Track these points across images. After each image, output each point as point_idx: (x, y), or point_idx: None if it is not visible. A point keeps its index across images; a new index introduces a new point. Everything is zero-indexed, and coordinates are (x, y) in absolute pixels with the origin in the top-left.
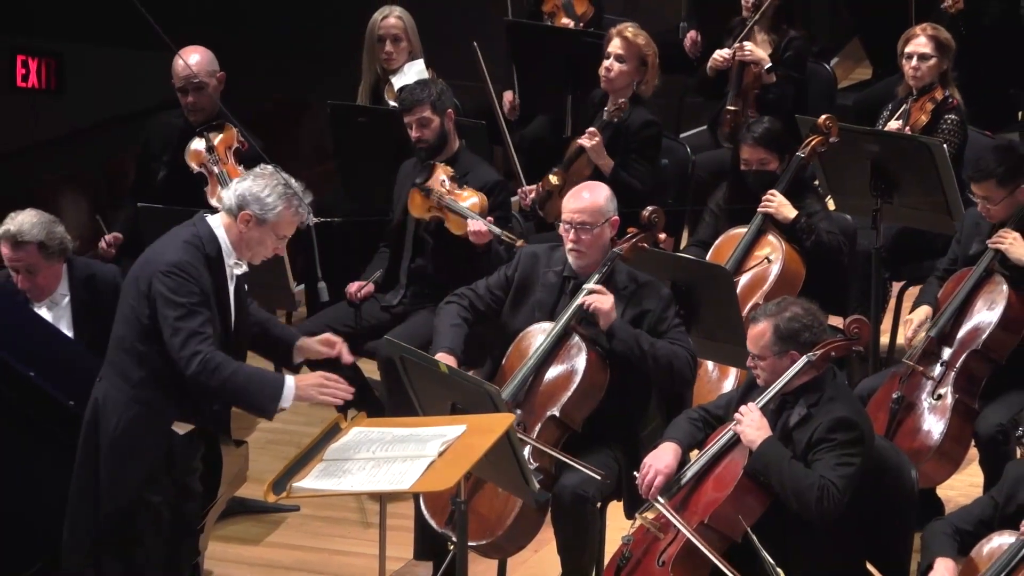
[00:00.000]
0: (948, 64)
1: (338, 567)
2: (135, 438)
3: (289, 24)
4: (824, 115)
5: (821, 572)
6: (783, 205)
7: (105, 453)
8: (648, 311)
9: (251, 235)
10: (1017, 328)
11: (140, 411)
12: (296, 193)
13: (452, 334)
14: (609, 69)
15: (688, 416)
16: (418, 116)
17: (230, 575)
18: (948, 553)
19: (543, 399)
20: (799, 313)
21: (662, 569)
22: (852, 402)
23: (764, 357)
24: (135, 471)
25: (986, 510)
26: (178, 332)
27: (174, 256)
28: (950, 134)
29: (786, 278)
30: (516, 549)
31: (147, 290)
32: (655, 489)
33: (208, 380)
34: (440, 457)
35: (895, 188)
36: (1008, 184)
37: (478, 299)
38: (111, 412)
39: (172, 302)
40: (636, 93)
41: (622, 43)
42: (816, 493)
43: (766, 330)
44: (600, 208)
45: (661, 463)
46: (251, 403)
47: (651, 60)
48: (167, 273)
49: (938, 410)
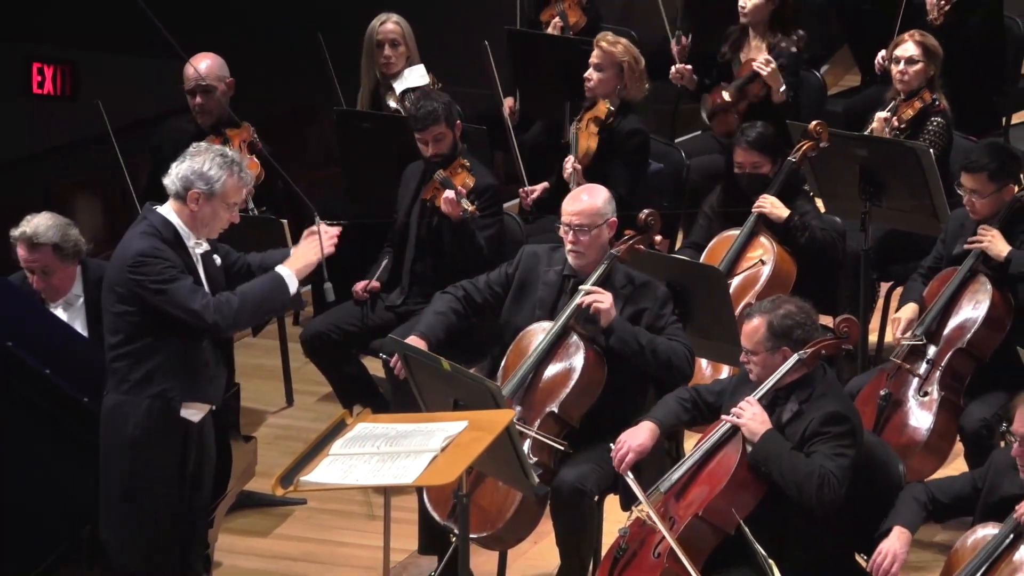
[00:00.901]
0: (935, 70)
1: (344, 559)
2: (155, 432)
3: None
4: (815, 121)
5: (812, 564)
6: (776, 205)
7: (132, 456)
8: (645, 309)
9: (203, 212)
10: (1000, 327)
11: (151, 406)
12: (234, 160)
13: (431, 320)
14: (589, 78)
15: (678, 396)
16: (434, 134)
17: (239, 566)
18: (912, 522)
19: (542, 396)
20: (793, 311)
21: (657, 560)
22: (842, 398)
23: (757, 352)
24: (167, 463)
25: (966, 488)
26: (177, 299)
27: (136, 248)
28: (936, 136)
29: (778, 279)
30: (516, 541)
31: (124, 291)
32: (626, 465)
33: (228, 318)
34: (443, 452)
35: (883, 191)
36: (998, 179)
37: (476, 292)
38: (125, 417)
39: (155, 282)
40: (625, 99)
41: (599, 52)
42: (817, 481)
43: (760, 326)
44: (598, 210)
45: (635, 441)
46: (273, 308)
47: (628, 65)
48: (135, 264)
49: (925, 406)
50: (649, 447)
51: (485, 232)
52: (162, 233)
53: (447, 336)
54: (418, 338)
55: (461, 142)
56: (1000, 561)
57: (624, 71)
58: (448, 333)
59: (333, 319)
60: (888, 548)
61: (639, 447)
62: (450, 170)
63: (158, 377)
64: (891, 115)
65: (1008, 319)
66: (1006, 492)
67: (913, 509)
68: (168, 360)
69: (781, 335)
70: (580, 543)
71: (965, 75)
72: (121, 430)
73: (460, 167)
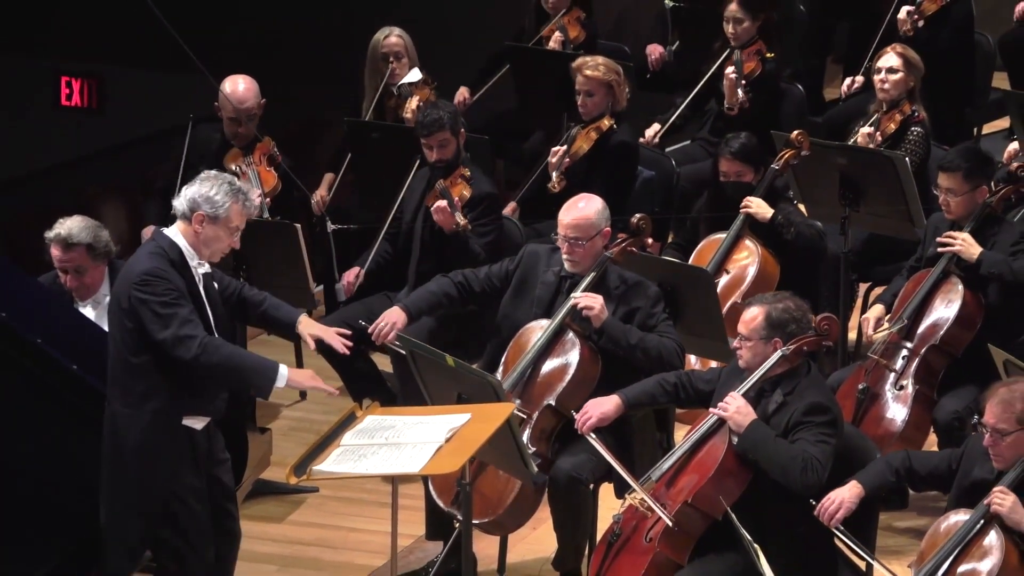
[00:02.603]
0: (915, 82)
1: (354, 543)
2: (157, 445)
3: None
4: (796, 131)
5: (793, 547)
6: (761, 206)
7: (133, 465)
8: (638, 308)
9: (207, 234)
10: (971, 325)
11: (153, 420)
12: (240, 189)
13: (420, 296)
14: (584, 105)
15: (661, 379)
16: (439, 139)
17: (256, 551)
18: (869, 481)
19: (541, 389)
20: (791, 307)
21: (649, 545)
22: (824, 390)
23: (751, 339)
24: (164, 472)
25: (942, 465)
26: (169, 324)
27: (143, 267)
28: (915, 144)
29: (762, 279)
30: (516, 526)
31: (128, 305)
32: (587, 427)
33: (209, 359)
34: (447, 443)
35: (862, 197)
36: (971, 179)
37: (475, 281)
38: (126, 428)
39: (154, 303)
40: (615, 111)
41: (584, 80)
42: (800, 465)
43: (759, 315)
44: (592, 223)
45: (598, 409)
46: (251, 380)
47: (615, 83)
48: (141, 283)
49: (900, 399)
50: (611, 416)
51: (483, 239)
52: (168, 254)
53: (430, 313)
54: (400, 310)
55: (465, 151)
56: (971, 545)
57: (613, 88)
58: (433, 312)
59: (344, 316)
60: (838, 495)
61: (600, 414)
62: (451, 179)
63: (160, 392)
64: (874, 129)
65: (979, 317)
66: (976, 477)
67: (878, 470)
68: (170, 377)
69: (776, 326)
70: (576, 528)
71: (938, 87)
72: (124, 442)
73: (460, 177)
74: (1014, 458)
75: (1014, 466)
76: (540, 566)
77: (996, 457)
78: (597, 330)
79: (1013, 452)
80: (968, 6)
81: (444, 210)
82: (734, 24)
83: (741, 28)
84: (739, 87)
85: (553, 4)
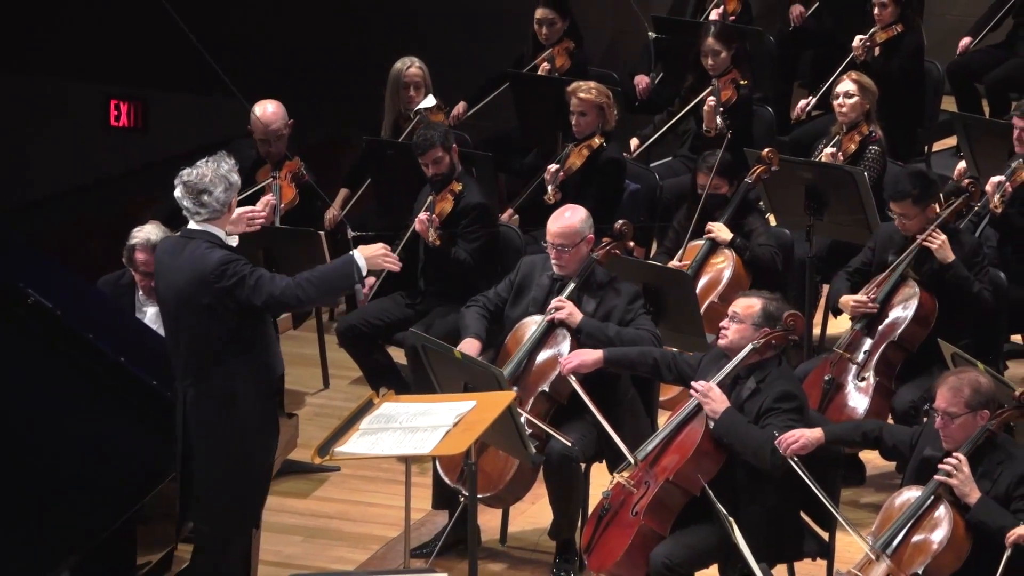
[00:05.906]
0: (871, 104)
1: (372, 516)
2: (267, 413)
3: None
4: (767, 148)
5: (764, 520)
6: (720, 230)
7: (249, 442)
8: (616, 306)
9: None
10: (927, 324)
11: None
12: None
13: (476, 325)
14: (578, 124)
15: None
16: (432, 157)
17: (283, 523)
18: (835, 432)
19: (535, 377)
20: (780, 306)
21: (635, 518)
22: (793, 380)
23: (743, 322)
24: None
25: (905, 439)
26: (262, 288)
27: (214, 260)
28: (872, 162)
29: (736, 281)
30: (514, 500)
31: (210, 300)
32: (567, 370)
33: (309, 291)
34: (455, 427)
35: (825, 208)
36: (920, 203)
37: (489, 301)
38: (237, 409)
39: (242, 280)
40: (605, 130)
41: (578, 102)
42: (770, 447)
43: (757, 304)
44: (576, 230)
45: (579, 357)
46: (343, 283)
47: (605, 105)
48: (218, 273)
49: (862, 390)
50: (589, 365)
51: (470, 245)
52: (218, 242)
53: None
54: (473, 339)
55: (460, 164)
56: (923, 517)
57: (604, 109)
58: (488, 333)
59: (363, 314)
60: (800, 431)
61: (580, 361)
62: (441, 195)
63: (257, 350)
64: (836, 150)
65: (933, 317)
66: (927, 455)
67: (845, 428)
68: (256, 349)
69: (769, 318)
70: (569, 502)
71: (893, 110)
72: (239, 422)
73: (449, 192)
74: (963, 439)
75: (961, 447)
76: (538, 536)
77: (946, 438)
78: (574, 331)
79: (962, 433)
80: (919, 37)
81: (422, 221)
82: (712, 56)
83: (719, 59)
84: (717, 114)
85: (546, 35)
